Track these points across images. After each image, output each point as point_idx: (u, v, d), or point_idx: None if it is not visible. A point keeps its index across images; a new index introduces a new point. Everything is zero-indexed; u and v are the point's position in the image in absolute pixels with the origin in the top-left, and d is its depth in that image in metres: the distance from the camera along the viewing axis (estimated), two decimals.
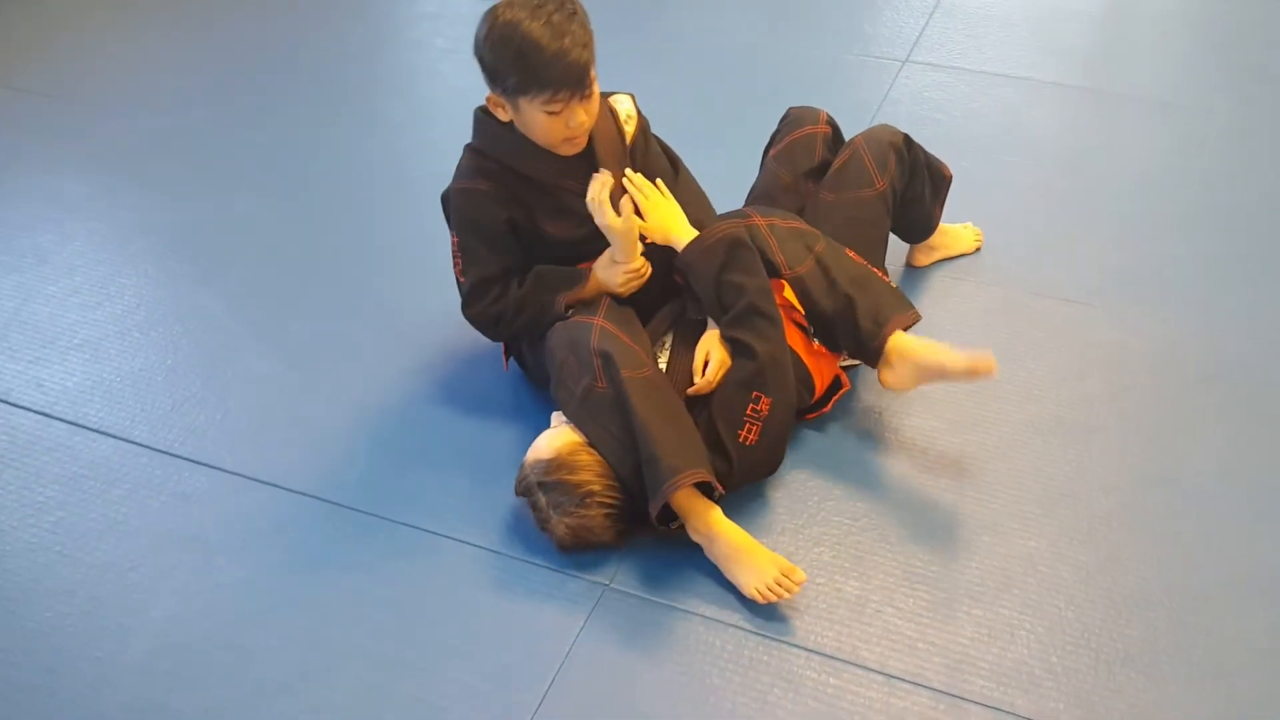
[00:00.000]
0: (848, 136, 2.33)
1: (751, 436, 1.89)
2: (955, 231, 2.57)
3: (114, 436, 2.18)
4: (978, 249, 2.59)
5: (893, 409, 2.17)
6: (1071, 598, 1.82)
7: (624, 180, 2.00)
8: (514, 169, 2.00)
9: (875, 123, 3.02)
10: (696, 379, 1.95)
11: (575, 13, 1.83)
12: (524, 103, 1.86)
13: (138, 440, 2.17)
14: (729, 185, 2.33)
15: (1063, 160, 2.93)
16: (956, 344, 1.97)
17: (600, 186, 1.95)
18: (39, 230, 2.74)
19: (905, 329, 1.99)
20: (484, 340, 2.27)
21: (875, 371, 2.03)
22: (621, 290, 2.02)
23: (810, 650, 1.76)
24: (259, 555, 1.95)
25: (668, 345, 2.04)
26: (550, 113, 1.85)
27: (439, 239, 2.19)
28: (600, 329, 1.91)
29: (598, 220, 1.95)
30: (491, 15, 1.84)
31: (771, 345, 1.91)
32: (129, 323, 2.45)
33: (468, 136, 2.05)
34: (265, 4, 3.78)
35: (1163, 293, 2.45)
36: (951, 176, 2.41)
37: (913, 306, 2.03)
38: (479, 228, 2.03)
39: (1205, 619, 1.79)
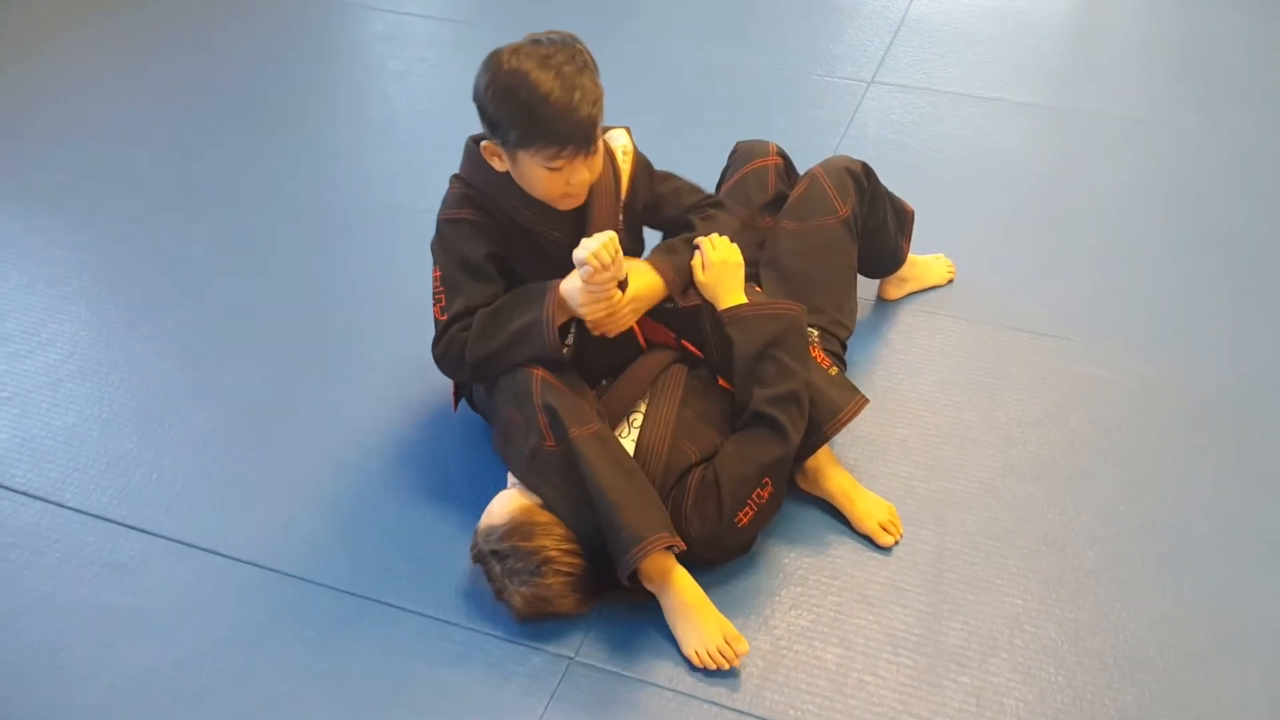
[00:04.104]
0: (813, 163, 2.24)
1: (745, 519, 1.79)
2: (926, 263, 2.49)
3: (43, 500, 2.04)
4: (950, 280, 2.51)
5: (868, 455, 2.08)
6: (1061, 660, 1.73)
7: (701, 239, 1.90)
8: (499, 208, 1.87)
9: (842, 146, 2.96)
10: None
11: (587, 65, 1.72)
12: (524, 156, 1.74)
13: (68, 504, 2.03)
14: None
15: (1034, 184, 2.85)
16: (929, 389, 1.88)
17: (605, 249, 1.73)
18: None
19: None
20: (436, 388, 2.15)
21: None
22: (584, 314, 1.81)
23: None
24: (197, 630, 1.81)
25: (635, 425, 1.89)
26: (552, 169, 1.73)
27: (389, 275, 2.09)
28: (541, 381, 1.78)
29: (583, 275, 1.75)
30: (495, 62, 1.72)
31: (798, 440, 1.82)
32: (61, 373, 2.31)
33: (420, 164, 1.93)
34: (212, 29, 3.64)
35: (1142, 322, 2.38)
36: (913, 212, 2.33)
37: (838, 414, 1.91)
38: (466, 260, 1.86)
39: (1201, 679, 1.71)
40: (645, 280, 1.88)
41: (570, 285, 1.80)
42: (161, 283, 2.56)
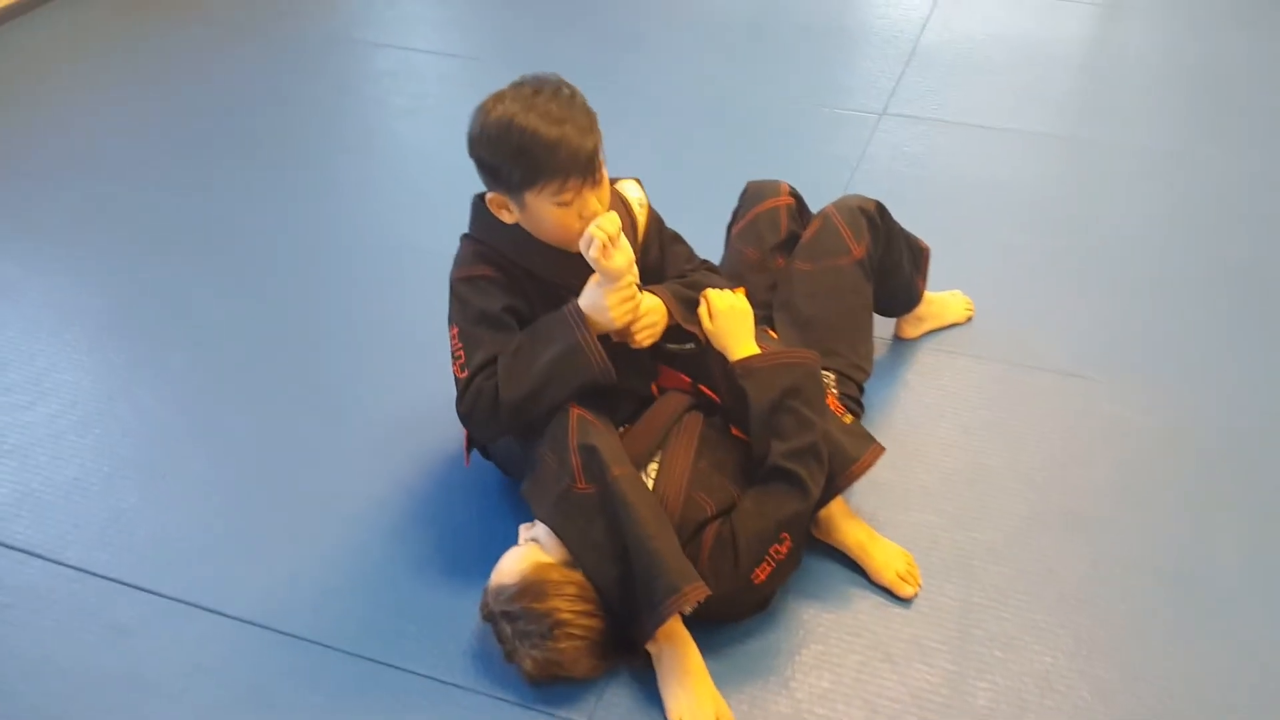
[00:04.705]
0: (826, 199, 2.19)
1: (762, 575, 1.72)
2: (944, 300, 2.44)
3: (43, 558, 1.99)
4: (969, 318, 2.45)
5: (888, 503, 2.02)
6: None
7: (709, 290, 1.86)
8: (515, 261, 1.83)
9: (855, 180, 2.91)
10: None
11: (573, 96, 1.68)
12: (531, 197, 1.69)
13: (69, 562, 1.98)
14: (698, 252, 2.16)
15: (1051, 217, 2.80)
16: (950, 432, 1.82)
17: (609, 222, 1.69)
18: None
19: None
20: (446, 437, 2.11)
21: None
22: (615, 319, 1.74)
23: None
24: (199, 695, 1.76)
25: (651, 476, 1.82)
26: (561, 204, 1.69)
27: (396, 318, 2.03)
28: (579, 419, 1.73)
29: (591, 254, 1.69)
30: (482, 113, 1.68)
31: (818, 493, 1.76)
32: (62, 424, 2.26)
33: (427, 203, 1.89)
34: (215, 65, 3.62)
35: (1165, 360, 2.32)
36: (929, 250, 2.28)
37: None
38: (484, 314, 1.80)
39: None
40: (649, 301, 1.82)
41: (591, 299, 1.74)
42: (165, 327, 2.52)
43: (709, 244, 2.17)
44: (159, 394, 2.33)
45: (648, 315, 1.81)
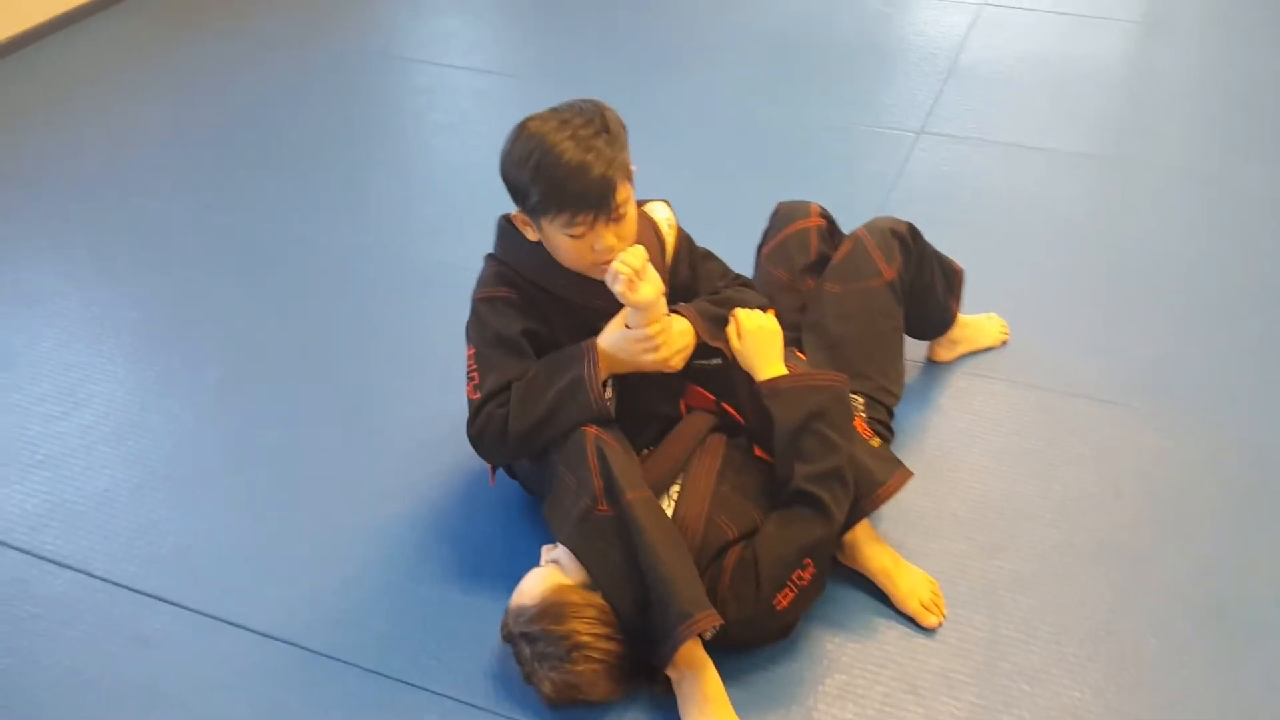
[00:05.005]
0: (862, 217, 2.17)
1: (784, 601, 1.70)
2: (978, 323, 2.40)
3: (71, 568, 2.01)
4: (1004, 342, 2.42)
5: (917, 530, 1.99)
6: None
7: (737, 309, 1.86)
8: (537, 283, 1.83)
9: (891, 199, 2.89)
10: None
11: (607, 129, 1.67)
12: (546, 224, 1.71)
13: (96, 573, 1.99)
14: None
15: (1090, 238, 2.76)
16: (982, 458, 1.79)
17: (634, 256, 1.70)
18: (7, 331, 2.59)
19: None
20: (473, 455, 2.09)
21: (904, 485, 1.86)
22: (645, 363, 1.76)
23: None
24: (219, 709, 1.76)
25: (674, 497, 1.82)
26: (572, 235, 1.69)
27: (427, 335, 2.04)
28: (596, 439, 1.72)
29: (617, 289, 1.70)
30: (519, 127, 1.70)
31: (842, 519, 1.74)
32: (95, 435, 2.29)
33: (462, 219, 1.90)
34: (250, 81, 3.66)
35: (1204, 387, 2.27)
36: (962, 272, 2.25)
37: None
38: (500, 336, 1.81)
39: None
40: (678, 325, 1.82)
41: (613, 340, 1.76)
42: (200, 341, 2.54)
43: (741, 263, 2.16)
44: (191, 407, 2.35)
45: (678, 339, 1.80)
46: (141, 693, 1.79)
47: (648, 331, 1.74)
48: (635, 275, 1.68)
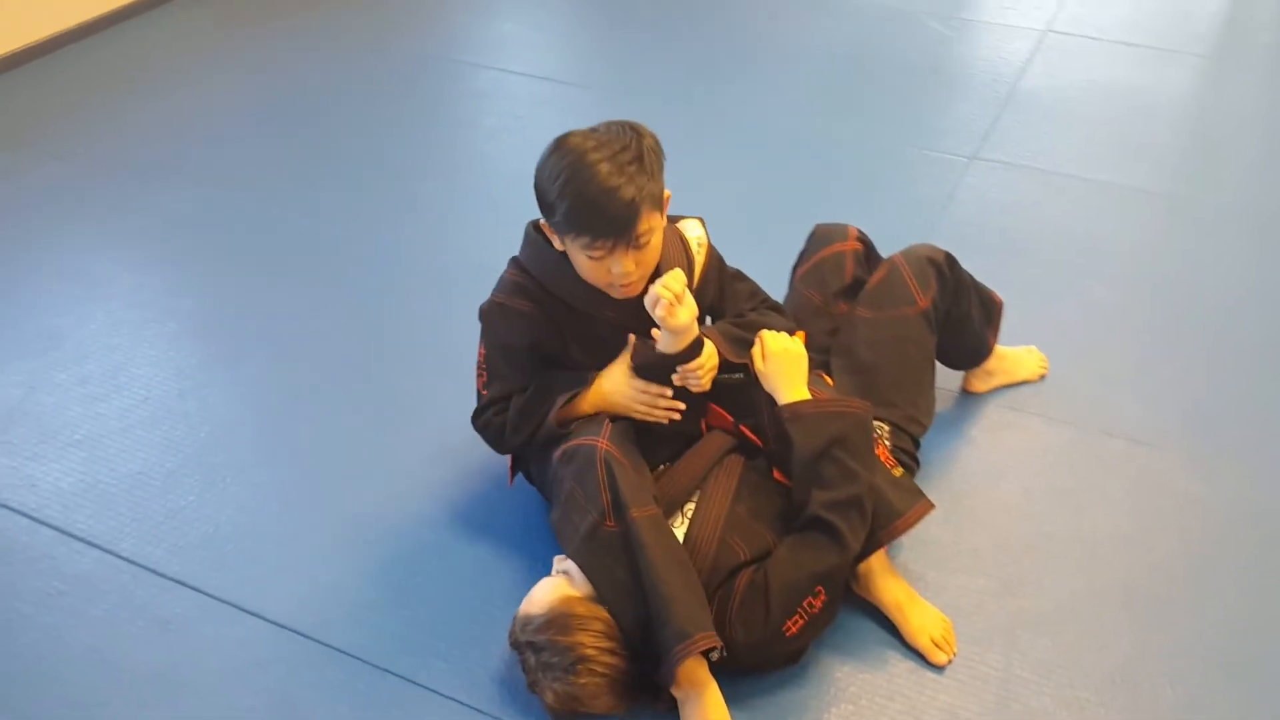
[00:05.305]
0: (907, 241, 2.15)
1: (794, 628, 1.69)
2: (1017, 356, 2.37)
3: (100, 548, 2.05)
4: (1042, 376, 2.38)
5: (936, 564, 1.96)
6: None
7: (763, 331, 1.87)
8: (554, 293, 1.85)
9: (938, 224, 2.86)
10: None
11: (641, 157, 1.68)
12: (568, 240, 1.73)
13: (123, 554, 2.03)
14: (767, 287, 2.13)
15: (1140, 276, 2.71)
16: (1011, 493, 1.76)
17: (675, 280, 1.72)
18: (57, 311, 2.65)
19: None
20: (496, 458, 2.11)
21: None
22: (636, 413, 1.85)
23: None
24: (230, 697, 1.79)
25: (688, 516, 1.82)
26: (591, 257, 1.71)
27: (465, 339, 2.05)
28: (606, 455, 1.73)
29: (658, 313, 1.72)
30: (558, 141, 1.72)
31: (857, 548, 1.72)
32: (133, 419, 2.34)
33: (508, 225, 1.92)
34: (314, 76, 3.72)
35: (1247, 438, 2.22)
36: (1002, 303, 2.21)
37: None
38: (508, 347, 1.90)
39: None
40: (706, 348, 1.84)
41: (614, 381, 1.85)
42: (243, 333, 2.58)
43: (776, 282, 2.16)
44: (228, 397, 2.39)
45: (705, 359, 1.82)
46: (157, 675, 1.83)
47: (679, 341, 1.78)
48: (676, 299, 1.70)
